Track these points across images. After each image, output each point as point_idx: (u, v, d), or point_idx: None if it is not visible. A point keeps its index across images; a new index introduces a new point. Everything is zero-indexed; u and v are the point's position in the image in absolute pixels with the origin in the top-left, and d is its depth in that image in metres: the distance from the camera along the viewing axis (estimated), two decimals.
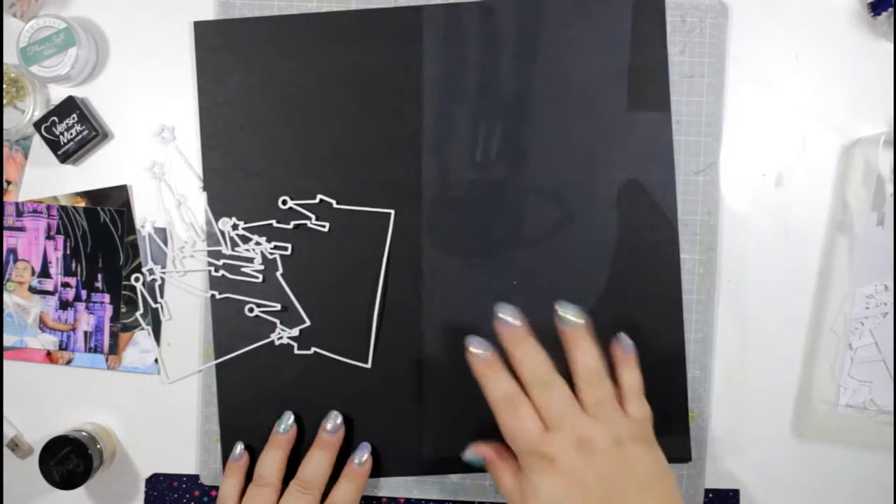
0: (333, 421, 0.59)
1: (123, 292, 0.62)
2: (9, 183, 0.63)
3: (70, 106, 0.61)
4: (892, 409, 0.61)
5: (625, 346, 0.55)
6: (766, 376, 0.62)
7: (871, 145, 0.60)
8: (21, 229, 0.62)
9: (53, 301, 0.63)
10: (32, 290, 0.63)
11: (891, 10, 0.60)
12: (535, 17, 0.61)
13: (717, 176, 0.62)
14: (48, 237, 0.62)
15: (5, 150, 0.63)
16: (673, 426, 0.61)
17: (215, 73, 0.61)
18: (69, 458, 0.59)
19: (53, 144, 0.60)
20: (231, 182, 0.61)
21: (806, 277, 0.62)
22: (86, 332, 0.63)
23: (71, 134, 0.60)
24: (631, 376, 0.54)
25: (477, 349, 0.53)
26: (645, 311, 0.61)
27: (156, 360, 0.63)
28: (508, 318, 0.53)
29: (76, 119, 0.60)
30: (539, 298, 0.60)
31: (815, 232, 0.62)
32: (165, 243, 0.62)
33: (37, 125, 0.61)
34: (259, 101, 0.61)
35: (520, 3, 0.61)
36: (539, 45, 0.61)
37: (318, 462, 0.58)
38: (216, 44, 0.61)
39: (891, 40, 0.62)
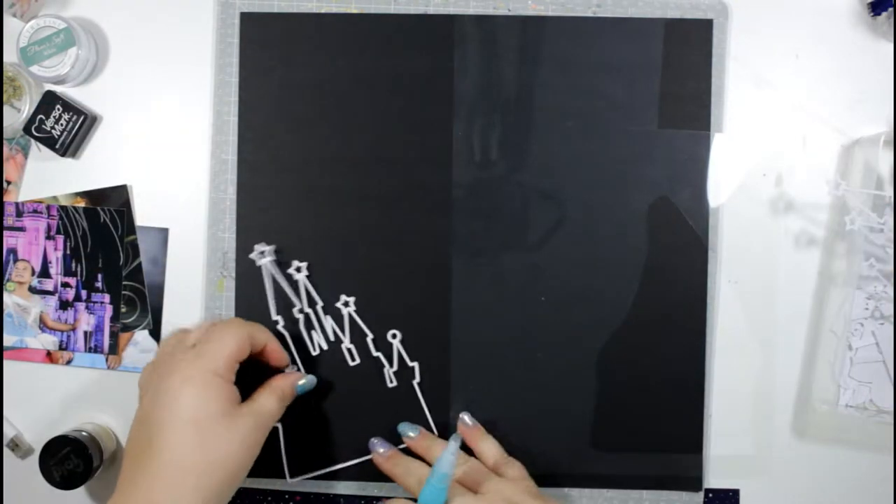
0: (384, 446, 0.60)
1: (123, 292, 0.62)
2: (9, 183, 0.63)
3: (51, 100, 0.60)
4: (891, 409, 0.61)
5: (468, 423, 0.60)
6: (766, 376, 0.62)
7: (871, 145, 0.60)
8: (21, 229, 0.62)
9: (53, 301, 0.63)
10: (32, 290, 0.63)
11: (891, 10, 0.60)
12: (568, 35, 0.61)
13: (717, 175, 0.62)
14: (48, 237, 0.62)
15: (5, 149, 0.62)
16: (686, 454, 0.61)
17: (257, 67, 0.62)
18: (69, 458, 0.59)
19: (49, 141, 0.60)
20: (264, 175, 0.62)
21: (806, 277, 0.62)
22: (86, 332, 0.63)
23: (61, 125, 0.60)
24: (488, 445, 0.59)
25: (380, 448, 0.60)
26: (667, 333, 0.61)
27: None
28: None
29: (61, 109, 0.60)
30: (565, 315, 0.61)
31: (815, 232, 0.62)
32: (166, 243, 0.62)
33: (26, 129, 0.61)
34: (298, 98, 0.61)
35: (552, 21, 0.61)
36: (571, 62, 0.61)
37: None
38: (261, 37, 0.61)
39: (891, 40, 0.62)
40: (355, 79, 0.62)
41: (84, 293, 0.62)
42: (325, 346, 0.61)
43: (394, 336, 0.61)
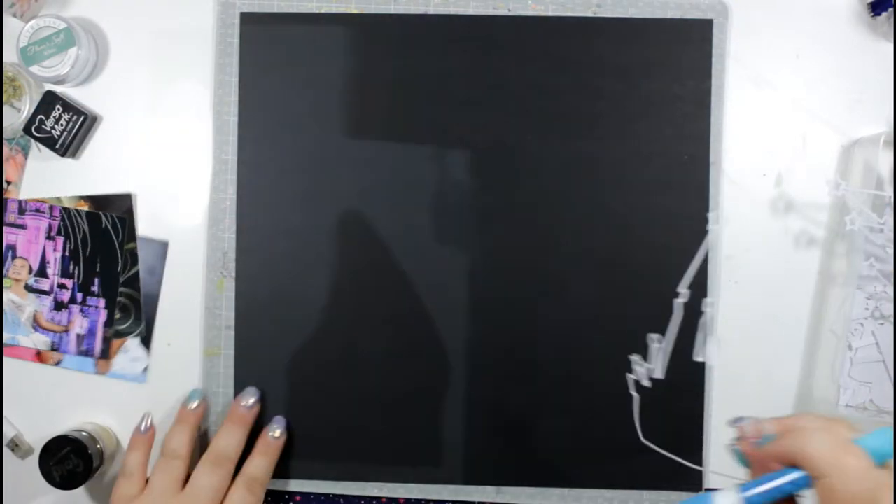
0: (248, 398, 0.60)
1: (119, 299, 0.62)
2: (9, 183, 0.63)
3: (51, 100, 0.60)
4: (892, 409, 0.61)
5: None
6: (766, 376, 0.62)
7: (871, 145, 0.60)
8: (22, 227, 0.62)
9: (48, 301, 0.62)
10: (28, 288, 0.63)
11: (891, 10, 0.60)
12: (568, 35, 0.61)
13: (717, 175, 0.62)
14: (48, 237, 0.62)
15: (5, 149, 0.62)
16: (686, 454, 0.61)
17: (257, 67, 0.61)
18: (69, 458, 0.59)
19: (49, 141, 0.61)
20: (264, 176, 0.62)
21: (806, 277, 0.62)
22: (78, 335, 0.62)
23: (61, 125, 0.60)
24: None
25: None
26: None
27: (144, 370, 0.63)
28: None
29: (61, 109, 0.60)
30: (565, 316, 0.61)
31: (815, 232, 0.62)
32: (164, 257, 0.62)
33: (26, 129, 0.61)
34: (298, 98, 0.61)
35: (552, 21, 0.61)
36: (571, 62, 0.61)
37: (231, 435, 0.59)
38: (261, 37, 0.61)
39: (891, 40, 0.62)
40: (355, 79, 0.62)
41: (80, 296, 0.62)
42: None
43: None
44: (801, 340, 0.62)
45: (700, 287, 0.61)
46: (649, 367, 0.61)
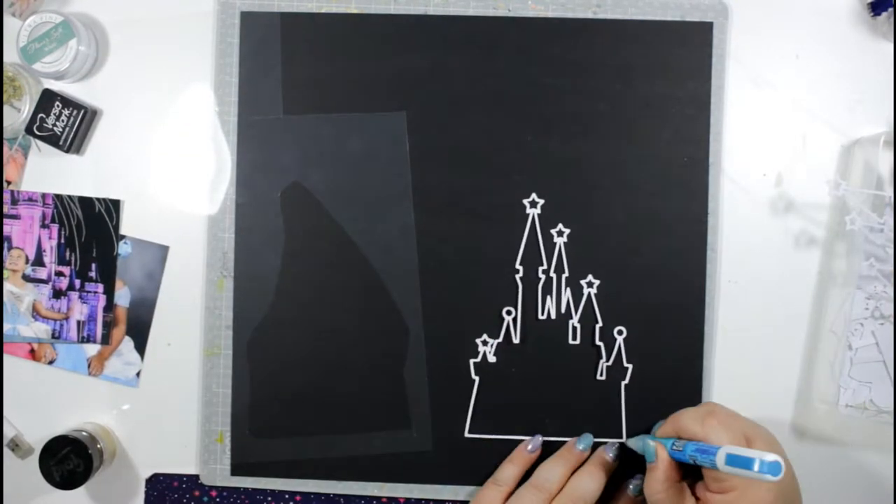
0: (583, 443, 0.60)
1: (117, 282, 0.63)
2: (9, 183, 0.63)
3: (49, 97, 0.61)
4: (891, 409, 0.61)
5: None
6: (766, 376, 0.62)
7: (871, 145, 0.60)
8: (16, 217, 0.62)
9: (47, 290, 0.62)
10: (26, 278, 0.63)
11: (891, 10, 0.60)
12: (568, 36, 0.61)
13: (717, 175, 0.62)
14: (43, 226, 0.62)
15: (6, 150, 0.62)
16: None
17: (257, 67, 0.62)
18: (69, 458, 0.59)
19: (52, 139, 0.61)
20: (263, 175, 0.62)
21: (806, 277, 0.62)
22: (78, 322, 0.63)
23: (63, 121, 0.60)
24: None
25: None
26: (667, 334, 0.62)
27: (137, 374, 0.63)
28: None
29: (61, 105, 0.60)
30: (565, 316, 0.61)
31: (815, 232, 0.62)
32: (164, 262, 0.62)
33: (28, 129, 0.61)
34: (298, 98, 0.62)
35: (552, 22, 0.61)
36: (571, 63, 0.61)
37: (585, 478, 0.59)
38: (261, 37, 0.61)
39: (891, 40, 0.62)
40: (355, 79, 0.62)
41: (78, 282, 0.62)
42: (553, 316, 0.61)
43: (620, 332, 0.61)
44: (801, 340, 0.62)
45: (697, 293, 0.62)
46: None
